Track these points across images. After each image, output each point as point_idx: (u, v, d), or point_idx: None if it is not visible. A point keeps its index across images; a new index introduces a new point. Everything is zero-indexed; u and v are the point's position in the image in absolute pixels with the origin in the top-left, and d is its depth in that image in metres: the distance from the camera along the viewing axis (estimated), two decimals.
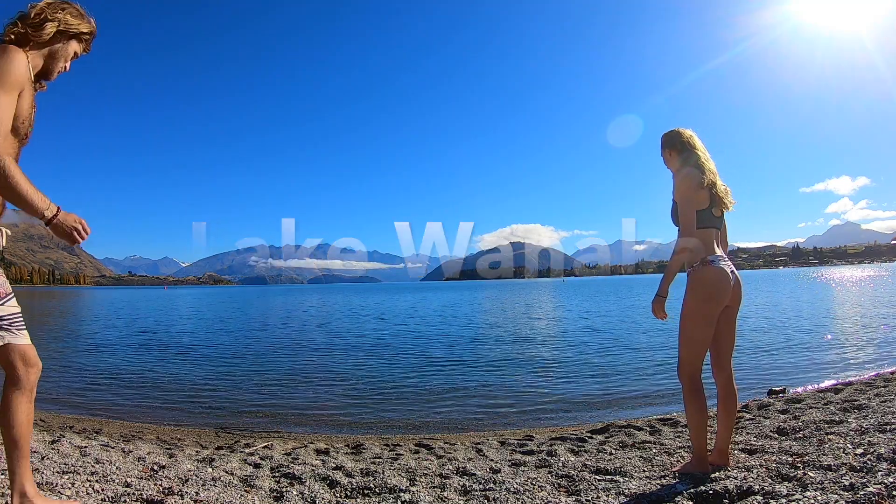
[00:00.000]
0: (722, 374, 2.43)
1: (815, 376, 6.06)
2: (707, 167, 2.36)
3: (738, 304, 2.39)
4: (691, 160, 2.39)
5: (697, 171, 2.34)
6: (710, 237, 2.34)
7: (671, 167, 2.50)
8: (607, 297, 31.43)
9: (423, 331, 13.32)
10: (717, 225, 2.39)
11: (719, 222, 2.40)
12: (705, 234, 2.33)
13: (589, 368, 7.15)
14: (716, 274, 2.27)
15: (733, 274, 2.33)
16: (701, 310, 2.29)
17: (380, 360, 8.37)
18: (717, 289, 2.26)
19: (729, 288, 2.29)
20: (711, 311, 2.28)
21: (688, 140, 2.44)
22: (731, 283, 2.30)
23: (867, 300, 18.59)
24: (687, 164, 2.39)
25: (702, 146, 2.43)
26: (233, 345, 10.94)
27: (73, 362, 8.66)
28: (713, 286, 2.27)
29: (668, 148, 2.51)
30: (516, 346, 9.71)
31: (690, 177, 2.33)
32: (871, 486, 1.94)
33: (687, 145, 2.43)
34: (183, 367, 8.15)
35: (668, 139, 2.51)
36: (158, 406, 5.58)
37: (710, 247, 2.32)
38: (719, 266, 2.28)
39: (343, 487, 2.53)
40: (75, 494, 2.23)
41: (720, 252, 2.35)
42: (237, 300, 40.85)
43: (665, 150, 2.53)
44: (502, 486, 2.47)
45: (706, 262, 2.29)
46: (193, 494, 2.32)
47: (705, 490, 2.17)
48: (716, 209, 2.37)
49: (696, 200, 2.32)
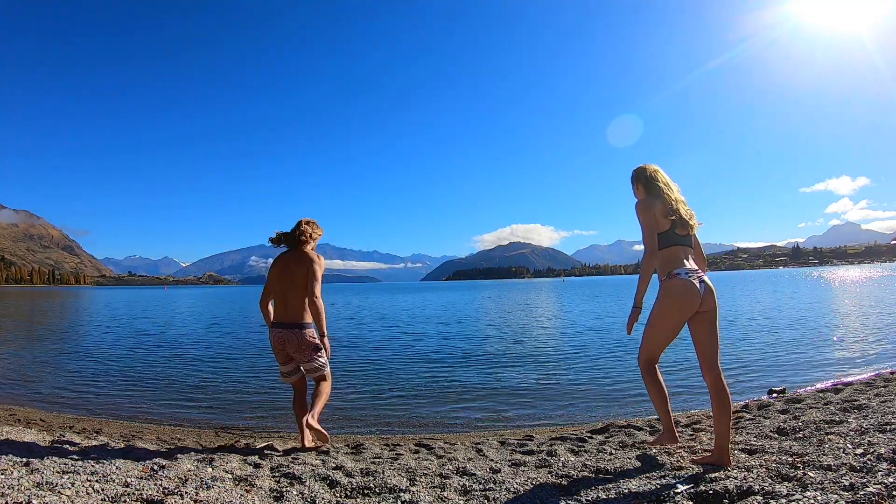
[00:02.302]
0: (710, 375, 2.60)
1: (815, 376, 6.06)
2: (670, 197, 2.72)
3: (712, 309, 2.62)
4: (653, 192, 2.76)
5: (650, 199, 2.73)
6: (676, 253, 2.67)
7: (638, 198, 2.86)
8: (607, 297, 31.42)
9: (422, 331, 13.32)
10: (683, 242, 2.72)
11: (686, 240, 2.73)
12: (670, 251, 2.67)
13: (589, 369, 7.15)
14: (680, 285, 2.59)
15: (703, 283, 2.60)
16: (665, 316, 2.65)
17: (379, 361, 8.36)
18: (681, 299, 2.58)
19: (695, 297, 2.58)
20: (675, 319, 2.63)
21: (651, 174, 2.81)
22: (700, 293, 2.58)
23: (867, 300, 18.59)
24: (649, 195, 2.76)
25: (664, 179, 2.79)
26: (233, 345, 10.93)
27: (72, 362, 8.67)
28: (677, 296, 2.59)
29: (636, 182, 2.88)
30: (516, 346, 9.71)
31: (642, 205, 2.73)
32: (871, 486, 1.94)
33: (651, 179, 2.80)
34: (183, 367, 8.15)
35: (636, 175, 2.88)
36: (158, 406, 5.58)
37: (676, 262, 2.64)
38: (684, 278, 2.59)
39: (343, 487, 2.53)
40: (75, 494, 2.23)
41: (689, 266, 2.65)
42: (237, 300, 40.82)
43: (633, 184, 2.90)
44: (502, 486, 2.47)
45: (672, 275, 2.62)
46: (193, 494, 2.32)
47: (705, 490, 2.17)
48: (680, 229, 2.71)
49: (654, 225, 2.68)
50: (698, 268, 2.71)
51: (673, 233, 2.69)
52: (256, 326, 15.61)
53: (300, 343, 3.33)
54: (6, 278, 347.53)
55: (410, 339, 11.35)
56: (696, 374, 6.40)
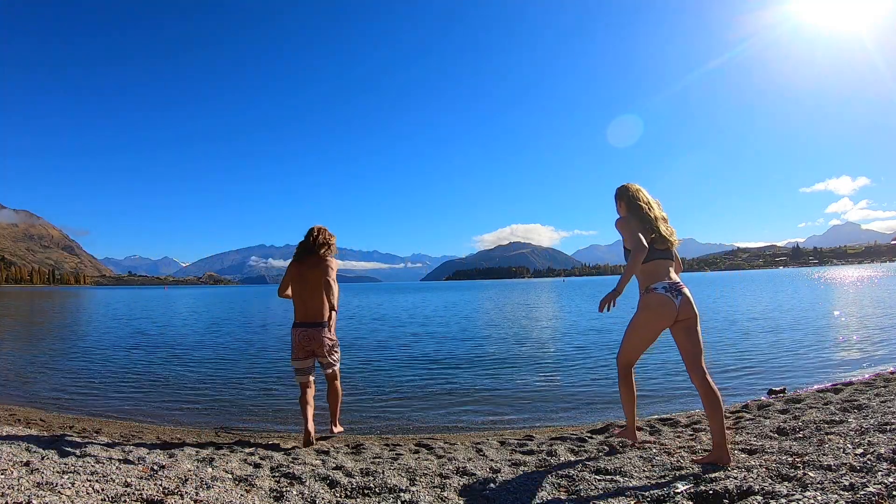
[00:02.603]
0: (695, 375, 2.72)
1: (815, 376, 6.06)
2: (650, 216, 2.88)
3: (691, 318, 2.77)
4: (635, 210, 2.92)
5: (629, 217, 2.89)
6: (656, 268, 2.83)
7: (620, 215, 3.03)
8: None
9: (422, 331, 13.31)
10: (663, 256, 2.87)
11: (666, 254, 2.89)
12: (650, 266, 2.83)
13: (589, 369, 7.14)
14: (656, 300, 2.77)
15: (680, 296, 2.76)
16: (642, 326, 2.85)
17: (380, 361, 8.36)
18: (657, 312, 2.76)
19: (670, 311, 2.75)
20: (652, 328, 2.82)
21: (633, 194, 2.97)
22: (677, 305, 2.74)
23: (867, 300, 18.59)
24: (630, 213, 2.93)
25: (646, 198, 2.95)
26: (232, 345, 10.93)
27: (72, 362, 8.67)
28: (653, 310, 2.77)
29: (618, 200, 3.05)
30: (516, 346, 9.71)
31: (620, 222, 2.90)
32: (871, 486, 1.94)
33: (632, 198, 2.96)
34: (182, 367, 8.15)
35: (618, 194, 3.05)
36: (158, 406, 5.58)
37: (655, 276, 2.82)
38: (660, 293, 2.77)
39: (343, 487, 2.53)
40: (75, 494, 2.23)
41: (667, 280, 2.81)
42: (236, 300, 40.83)
43: (616, 201, 3.07)
44: (502, 487, 2.47)
45: (650, 290, 2.80)
46: (193, 494, 2.32)
47: (705, 490, 2.17)
48: (659, 244, 2.86)
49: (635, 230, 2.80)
50: (678, 279, 2.88)
51: (653, 248, 2.85)
52: (256, 327, 15.62)
53: (321, 341, 3.75)
54: (6, 278, 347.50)
55: (410, 340, 11.34)
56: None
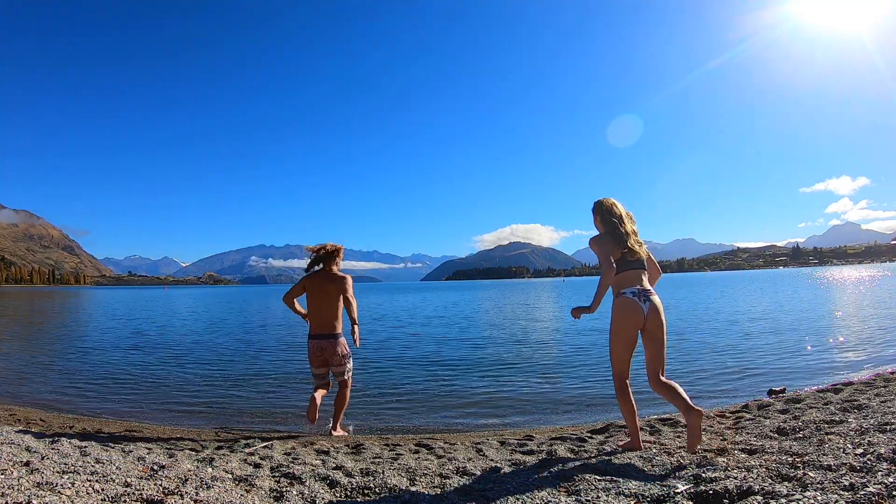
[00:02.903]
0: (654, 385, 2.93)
1: (815, 376, 6.06)
2: (621, 230, 3.04)
3: (656, 326, 2.94)
4: (608, 224, 3.08)
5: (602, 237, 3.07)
6: (629, 276, 3.01)
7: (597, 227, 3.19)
8: (607, 297, 31.29)
9: (422, 331, 13.32)
10: (635, 266, 3.04)
11: (638, 264, 3.06)
12: (623, 275, 3.01)
13: (589, 369, 7.15)
14: (623, 303, 2.97)
15: (648, 302, 2.94)
16: (615, 329, 3.00)
17: (380, 361, 8.36)
18: (625, 315, 2.95)
19: (637, 314, 2.92)
20: (625, 330, 2.97)
21: (608, 208, 3.12)
22: (644, 310, 2.92)
23: (867, 300, 18.59)
24: (604, 227, 3.11)
25: (619, 212, 3.10)
26: (232, 345, 10.93)
27: (72, 362, 8.67)
28: (623, 311, 2.96)
29: (595, 214, 3.20)
30: (516, 347, 9.71)
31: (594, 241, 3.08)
32: (871, 486, 1.94)
33: (607, 213, 3.12)
34: (182, 367, 8.15)
35: (595, 208, 3.20)
36: (158, 406, 5.58)
37: (626, 283, 3.00)
38: (628, 297, 2.95)
39: (343, 487, 2.53)
40: (75, 494, 2.23)
41: (639, 286, 2.98)
42: (236, 300, 40.83)
43: (593, 215, 3.21)
44: (502, 486, 2.47)
45: (620, 294, 3.00)
46: (193, 494, 2.32)
47: (705, 490, 2.17)
48: (630, 256, 3.04)
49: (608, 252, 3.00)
50: (650, 287, 3.06)
51: (625, 259, 3.04)
52: (255, 327, 15.62)
53: (334, 351, 4.06)
54: (6, 278, 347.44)
55: (410, 340, 11.35)
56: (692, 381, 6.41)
